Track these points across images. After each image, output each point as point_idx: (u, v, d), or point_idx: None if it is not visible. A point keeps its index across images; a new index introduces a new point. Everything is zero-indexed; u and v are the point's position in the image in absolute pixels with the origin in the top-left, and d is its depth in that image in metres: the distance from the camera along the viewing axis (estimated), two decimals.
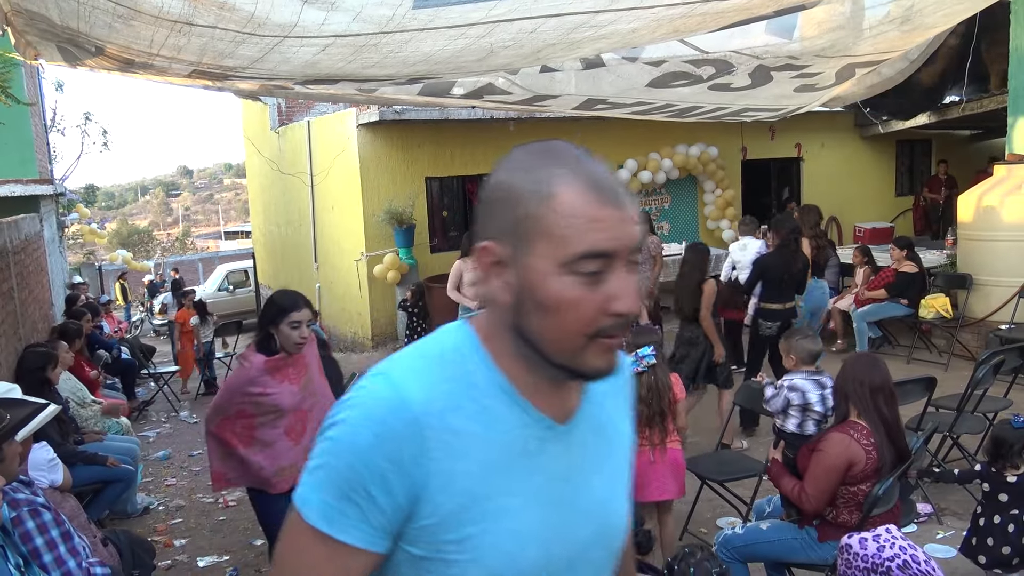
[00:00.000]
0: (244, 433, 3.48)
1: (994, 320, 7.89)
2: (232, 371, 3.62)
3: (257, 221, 17.63)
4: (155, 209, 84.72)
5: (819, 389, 3.90)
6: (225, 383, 3.67)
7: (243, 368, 3.48)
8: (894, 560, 1.84)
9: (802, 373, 3.97)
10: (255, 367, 3.43)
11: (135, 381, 9.23)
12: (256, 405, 3.43)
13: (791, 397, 3.96)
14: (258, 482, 3.53)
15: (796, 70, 5.05)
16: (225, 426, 3.49)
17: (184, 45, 3.21)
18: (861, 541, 1.92)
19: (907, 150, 15.26)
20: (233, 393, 3.49)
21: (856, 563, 1.88)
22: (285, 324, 3.39)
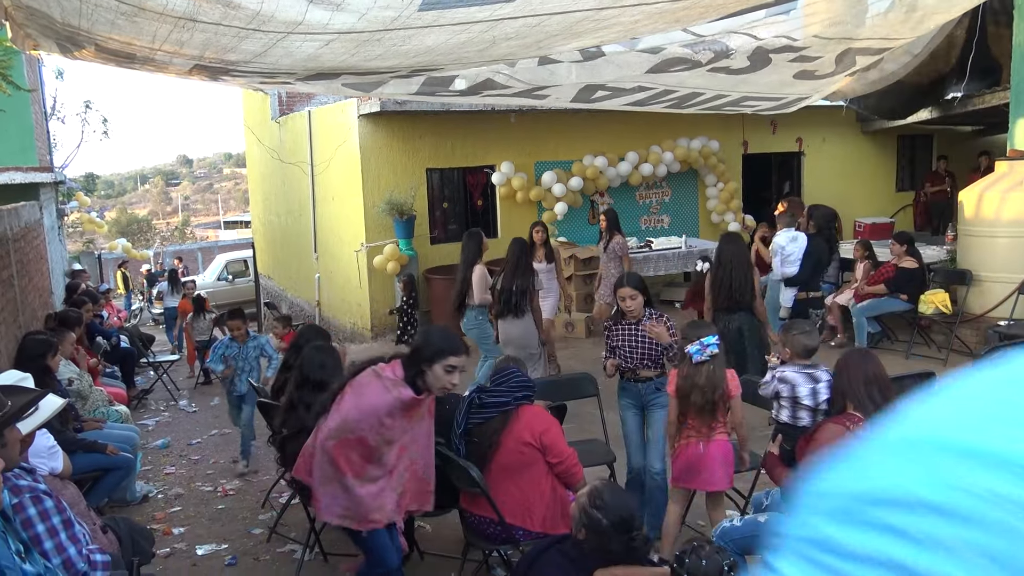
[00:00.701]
0: (359, 462, 3.24)
1: (993, 316, 7.90)
2: (367, 385, 3.26)
3: (257, 211, 17.62)
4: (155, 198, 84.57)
5: (810, 383, 3.90)
6: (362, 401, 3.23)
7: (387, 391, 3.21)
8: None
9: (795, 366, 3.98)
10: (402, 399, 3.20)
11: (134, 369, 9.24)
12: (380, 436, 3.22)
13: (780, 388, 3.97)
14: (353, 518, 3.31)
15: (795, 52, 5.03)
16: (342, 449, 3.23)
17: (187, 40, 3.21)
18: None
19: (908, 145, 15.24)
20: (367, 416, 3.21)
21: None
22: (440, 365, 3.20)
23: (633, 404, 4.59)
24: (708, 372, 3.93)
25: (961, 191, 8.61)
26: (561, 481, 3.64)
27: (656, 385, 4.52)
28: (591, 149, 11.86)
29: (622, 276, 4.68)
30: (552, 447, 3.61)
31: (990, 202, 7.96)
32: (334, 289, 12.55)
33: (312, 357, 4.23)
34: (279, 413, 4.36)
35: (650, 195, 12.80)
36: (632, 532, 2.71)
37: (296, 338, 5.18)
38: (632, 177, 12.09)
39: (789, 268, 7.31)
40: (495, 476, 3.60)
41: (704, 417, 3.96)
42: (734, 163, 13.29)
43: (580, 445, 4.48)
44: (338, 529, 4.97)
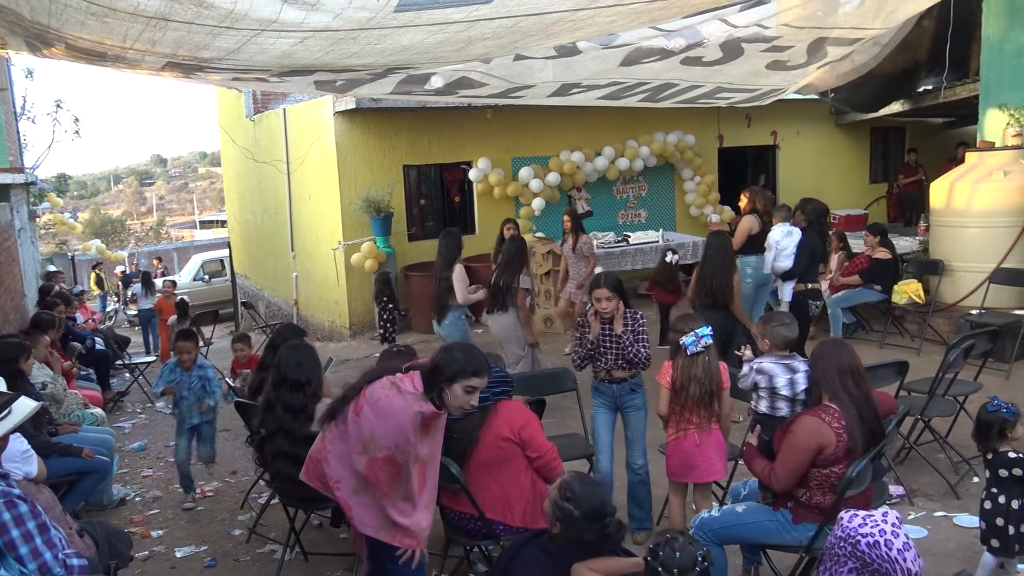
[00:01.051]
0: (387, 482, 3.14)
1: (965, 305, 8.02)
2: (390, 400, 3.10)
3: (233, 210, 17.48)
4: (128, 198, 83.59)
5: (788, 373, 3.94)
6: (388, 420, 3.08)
7: (409, 407, 3.07)
8: (866, 537, 1.89)
9: (772, 357, 4.01)
10: (425, 415, 3.08)
11: (110, 372, 9.15)
12: (405, 454, 3.09)
13: (758, 379, 4.00)
14: (388, 531, 3.19)
15: (767, 42, 5.06)
16: (371, 467, 3.12)
17: (160, 39, 3.18)
18: (851, 515, 2.01)
19: (881, 138, 15.41)
20: (394, 433, 3.07)
21: (836, 531, 1.97)
22: (461, 386, 3.07)
23: (606, 405, 4.53)
24: (704, 363, 3.96)
25: (932, 182, 8.72)
26: (541, 476, 3.65)
27: (631, 386, 4.47)
28: (568, 144, 11.88)
29: (599, 276, 4.49)
30: (531, 442, 3.62)
31: (961, 193, 8.06)
32: (312, 287, 12.49)
33: (289, 356, 4.21)
34: (257, 413, 4.33)
35: (627, 189, 12.85)
36: (605, 520, 2.73)
37: (273, 337, 5.14)
38: (609, 172, 12.13)
39: (784, 262, 7.38)
40: (475, 472, 3.61)
41: (703, 409, 3.98)
42: (710, 157, 13.37)
43: (559, 439, 4.51)
44: (319, 528, 4.99)
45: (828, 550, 1.99)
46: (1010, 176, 7.74)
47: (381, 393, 3.11)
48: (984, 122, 8.58)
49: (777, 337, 4.00)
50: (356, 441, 3.14)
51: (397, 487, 3.14)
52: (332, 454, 3.23)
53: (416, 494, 3.16)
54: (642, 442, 4.51)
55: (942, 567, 3.95)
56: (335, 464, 3.23)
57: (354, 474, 3.18)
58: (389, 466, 3.10)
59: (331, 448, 3.24)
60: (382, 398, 3.10)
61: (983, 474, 5.05)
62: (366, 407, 3.11)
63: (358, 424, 3.12)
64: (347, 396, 3.23)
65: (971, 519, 4.53)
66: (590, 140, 11.98)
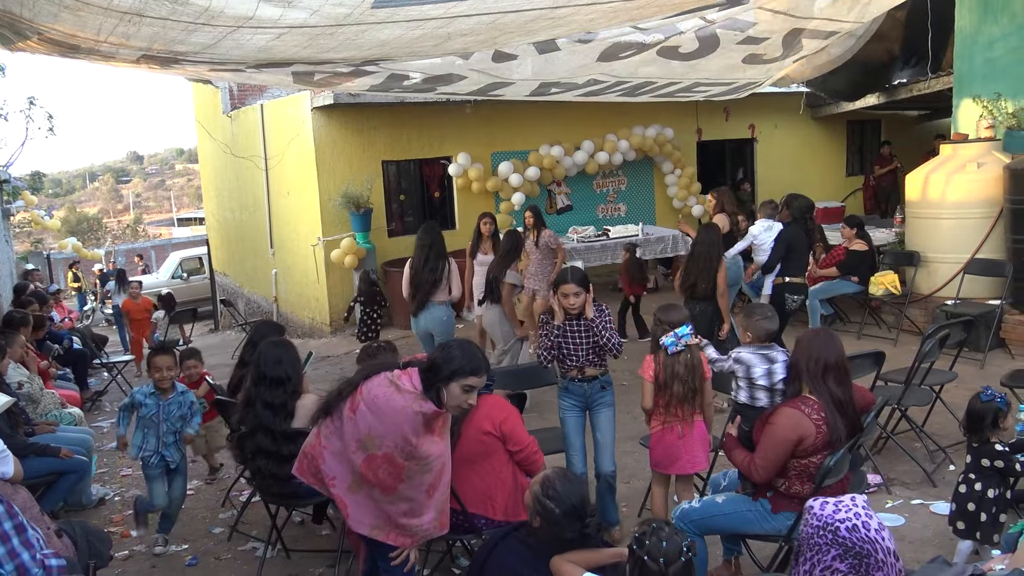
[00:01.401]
0: (387, 481, 3.09)
1: (940, 296, 8.11)
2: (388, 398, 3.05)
3: (211, 207, 17.35)
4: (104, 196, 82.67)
5: (766, 364, 3.97)
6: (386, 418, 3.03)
7: (407, 406, 3.02)
8: (844, 522, 1.93)
9: (751, 347, 4.04)
10: (426, 415, 3.03)
11: (87, 371, 9.06)
12: (405, 453, 3.04)
13: (736, 369, 4.03)
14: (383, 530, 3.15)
15: (743, 34, 5.08)
16: (369, 465, 3.08)
17: (134, 33, 3.15)
18: (822, 504, 2.04)
19: (857, 131, 15.54)
20: (392, 432, 3.02)
21: (812, 521, 1.98)
22: (459, 384, 3.04)
23: (576, 405, 4.39)
24: (686, 360, 3.99)
25: (908, 174, 8.82)
26: (522, 469, 3.66)
27: (601, 383, 4.37)
28: (547, 139, 11.88)
29: (565, 271, 4.35)
30: (512, 435, 3.63)
31: (935, 185, 8.15)
32: (291, 284, 12.43)
33: (269, 353, 4.19)
34: (236, 410, 4.32)
35: (607, 183, 12.88)
36: (585, 519, 2.75)
37: (251, 334, 5.11)
38: (588, 166, 12.15)
39: (760, 256, 7.44)
40: (456, 466, 3.60)
41: (686, 404, 4.01)
42: (689, 150, 13.43)
43: (540, 433, 4.51)
44: (301, 525, 4.98)
45: (806, 541, 2.01)
46: (983, 168, 7.83)
47: (380, 391, 3.06)
48: (958, 114, 8.68)
49: (760, 330, 4.04)
50: (352, 439, 3.09)
51: (401, 485, 3.08)
52: (328, 451, 3.18)
53: (424, 495, 3.12)
54: (612, 445, 4.42)
55: (919, 553, 4.00)
56: (331, 461, 3.18)
57: (351, 471, 3.14)
58: (389, 465, 3.06)
59: (327, 445, 3.19)
60: (380, 396, 3.06)
61: (960, 462, 5.13)
62: (363, 405, 3.07)
63: (355, 422, 3.08)
64: (343, 392, 3.16)
65: (947, 506, 4.58)
66: (569, 134, 11.99)
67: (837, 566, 1.92)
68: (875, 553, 1.90)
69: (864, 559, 1.90)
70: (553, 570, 2.71)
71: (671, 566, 2.26)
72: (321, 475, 3.22)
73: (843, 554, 1.91)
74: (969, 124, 8.45)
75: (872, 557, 1.89)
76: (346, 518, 3.21)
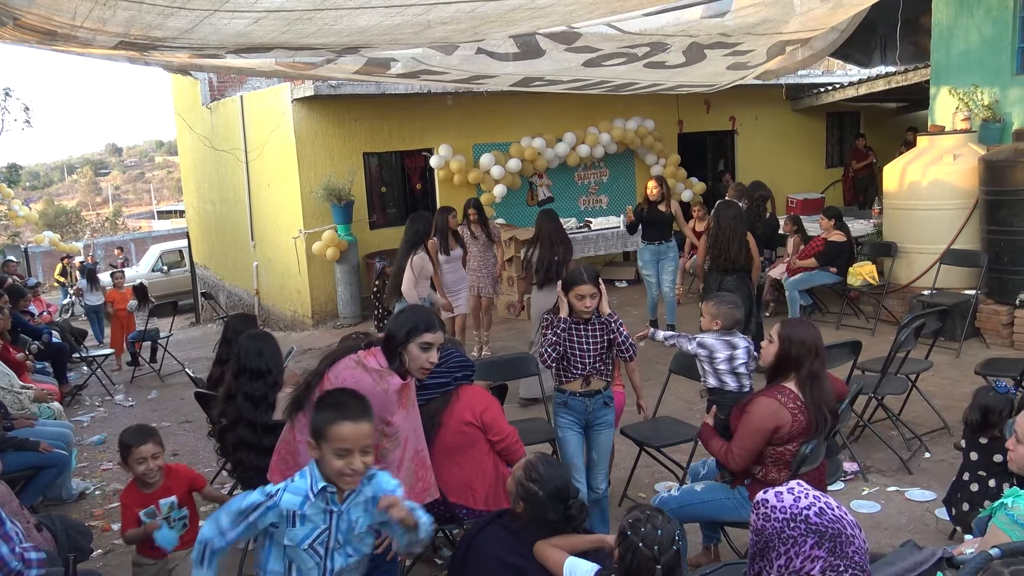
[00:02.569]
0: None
1: (917, 286, 8.21)
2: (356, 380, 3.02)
3: (191, 199, 17.23)
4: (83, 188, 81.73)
5: (728, 349, 4.00)
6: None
7: (375, 384, 3.02)
8: (811, 508, 1.95)
9: (715, 333, 4.07)
10: (392, 389, 3.05)
11: (67, 365, 8.99)
12: (380, 432, 3.00)
13: (699, 353, 4.06)
14: None
15: (728, 48, 5.14)
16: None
17: (110, 18, 3.13)
18: (777, 495, 2.02)
19: (836, 123, 15.66)
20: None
21: (775, 515, 1.97)
22: (416, 344, 3.05)
23: (576, 422, 4.09)
24: None
25: (885, 166, 8.90)
26: (503, 459, 3.69)
27: (604, 399, 4.10)
28: (529, 131, 11.89)
29: (578, 271, 4.06)
30: (493, 425, 3.65)
31: (912, 176, 8.24)
32: (273, 277, 12.38)
33: (248, 346, 4.17)
34: (217, 403, 4.30)
35: (588, 176, 12.91)
36: (568, 502, 2.78)
37: (224, 330, 5.09)
38: (570, 158, 12.17)
39: None
40: (437, 456, 3.63)
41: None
42: (670, 142, 13.48)
43: (521, 424, 4.54)
44: None
45: (775, 537, 1.98)
46: (959, 159, 7.92)
47: (347, 374, 3.09)
48: (935, 106, 8.77)
49: (729, 318, 4.08)
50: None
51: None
52: (303, 444, 3.16)
53: (395, 471, 3.11)
54: (606, 463, 4.28)
55: (894, 539, 4.07)
56: (305, 453, 3.19)
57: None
58: None
59: (301, 439, 3.17)
60: (348, 379, 3.08)
61: (936, 450, 5.21)
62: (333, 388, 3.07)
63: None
64: (310, 382, 3.17)
65: (923, 493, 4.67)
66: (551, 126, 12.01)
67: (817, 553, 1.92)
68: (845, 530, 1.94)
69: (837, 538, 1.93)
70: (537, 555, 2.73)
71: (664, 554, 2.28)
72: (299, 468, 3.21)
73: (820, 540, 1.92)
74: (946, 116, 8.55)
75: (843, 534, 1.93)
76: None
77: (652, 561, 2.28)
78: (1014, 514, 2.42)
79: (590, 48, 4.84)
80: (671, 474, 4.81)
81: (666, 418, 5.17)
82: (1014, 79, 8.07)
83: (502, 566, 2.80)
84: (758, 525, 2.02)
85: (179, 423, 7.44)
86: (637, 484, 4.96)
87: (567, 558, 2.64)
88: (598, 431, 4.13)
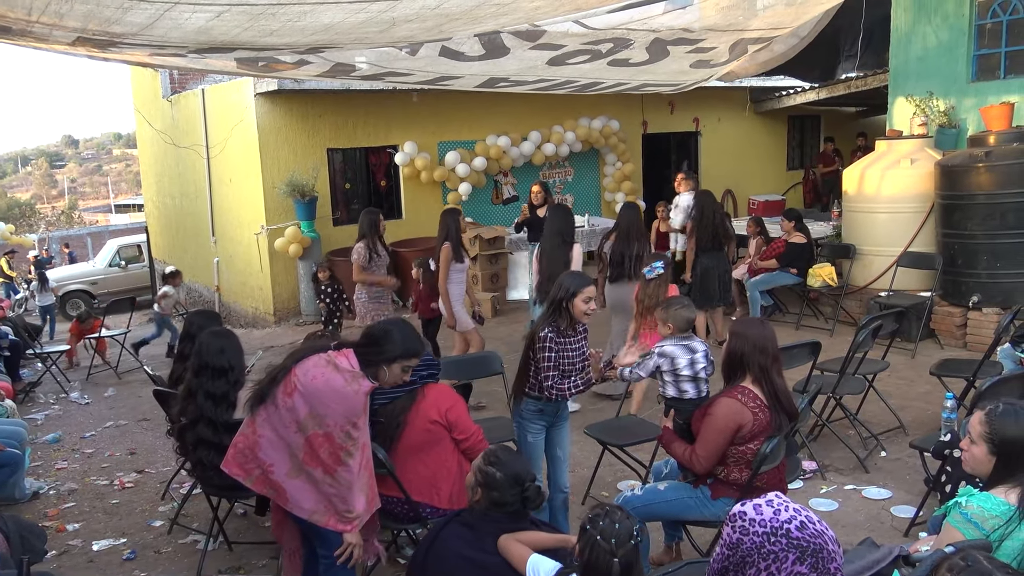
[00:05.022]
0: (328, 462, 3.09)
1: (875, 287, 8.36)
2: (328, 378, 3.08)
3: (150, 194, 16.93)
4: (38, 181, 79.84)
5: (688, 354, 4.05)
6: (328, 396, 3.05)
7: (347, 384, 3.05)
8: (791, 522, 1.88)
9: (673, 339, 4.12)
10: (363, 392, 3.09)
11: (19, 362, 8.79)
12: (345, 433, 3.07)
13: (660, 363, 4.09)
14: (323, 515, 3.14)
15: (691, 44, 5.19)
16: (309, 445, 3.08)
17: (67, 12, 3.06)
18: (756, 507, 1.94)
19: (797, 126, 15.90)
20: (335, 412, 3.04)
21: (754, 529, 1.90)
22: (400, 366, 3.15)
23: (545, 425, 4.11)
24: (656, 284, 5.67)
25: (844, 170, 9.05)
26: (467, 457, 3.68)
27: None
28: (494, 129, 11.88)
29: (579, 276, 4.02)
30: (458, 424, 3.65)
31: (871, 180, 8.39)
32: (234, 274, 12.22)
33: (210, 343, 4.12)
34: (177, 401, 4.24)
35: (553, 174, 12.94)
36: (524, 484, 2.83)
37: (187, 326, 5.01)
38: (535, 157, 12.20)
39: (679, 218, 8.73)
40: (401, 455, 3.61)
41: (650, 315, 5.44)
42: (634, 142, 13.57)
43: (486, 422, 4.54)
44: (243, 517, 4.92)
45: (754, 552, 1.91)
46: (916, 164, 8.08)
47: (317, 372, 3.09)
48: (893, 111, 8.94)
49: (680, 320, 4.13)
50: (292, 421, 3.10)
51: (340, 468, 3.10)
52: (264, 438, 3.17)
53: (354, 477, 3.14)
54: (568, 459, 4.30)
55: (851, 536, 4.14)
56: (267, 448, 3.17)
57: (290, 456, 3.14)
58: (329, 444, 3.07)
59: (262, 432, 3.17)
60: (319, 376, 3.08)
61: (892, 449, 5.31)
62: (300, 387, 3.08)
63: (291, 405, 3.09)
64: (276, 377, 3.16)
65: (879, 491, 4.77)
66: (516, 125, 12.01)
67: (799, 569, 1.85)
68: (826, 545, 1.88)
69: (819, 554, 1.86)
70: (500, 549, 2.74)
71: (621, 547, 2.31)
72: (258, 462, 3.19)
73: (802, 556, 1.86)
74: (903, 121, 8.71)
75: (825, 550, 1.86)
76: (284, 503, 3.18)
77: (609, 555, 2.30)
78: (967, 512, 2.47)
79: (554, 45, 4.85)
80: (634, 473, 4.84)
81: (629, 417, 5.20)
82: (969, 86, 8.25)
83: (462, 561, 2.80)
84: (733, 539, 1.94)
85: (137, 421, 7.32)
86: (600, 483, 4.99)
87: (531, 555, 2.65)
88: (560, 427, 4.17)
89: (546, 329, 3.93)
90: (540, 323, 4.02)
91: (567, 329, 3.95)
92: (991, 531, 2.41)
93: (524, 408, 4.08)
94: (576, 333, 4.03)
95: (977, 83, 8.23)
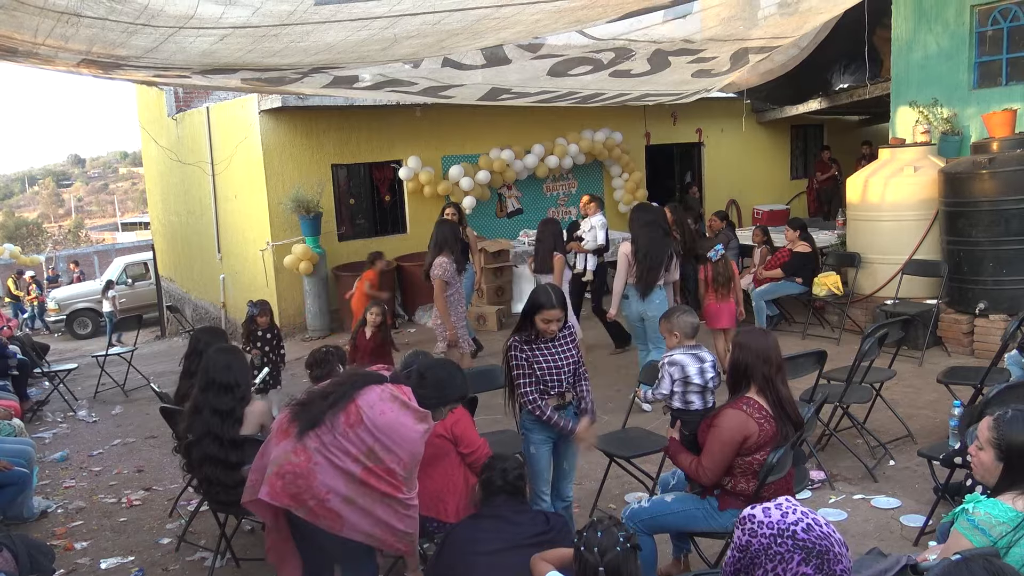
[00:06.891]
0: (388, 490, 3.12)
1: (880, 295, 8.34)
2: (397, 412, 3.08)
3: (156, 211, 17.01)
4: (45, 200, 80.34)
5: (698, 363, 4.05)
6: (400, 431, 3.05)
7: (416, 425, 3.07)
8: (798, 524, 1.91)
9: (681, 348, 4.12)
10: (428, 434, 3.16)
11: (27, 381, 8.81)
12: (409, 474, 3.14)
13: (671, 372, 4.09)
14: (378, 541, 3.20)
15: (692, 55, 5.21)
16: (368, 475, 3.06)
17: (72, 35, 3.09)
18: (764, 510, 1.98)
19: (800, 135, 15.91)
20: (406, 449, 3.06)
21: (762, 531, 1.93)
22: (449, 408, 3.31)
23: (551, 438, 4.05)
24: (722, 263, 6.81)
25: (848, 178, 9.04)
26: (473, 471, 3.68)
27: (574, 409, 4.08)
28: (497, 142, 11.92)
29: (545, 293, 3.91)
30: (463, 437, 3.65)
31: (875, 188, 8.38)
32: (240, 290, 12.25)
33: (217, 359, 4.14)
34: (183, 418, 4.25)
35: (557, 187, 12.97)
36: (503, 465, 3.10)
37: (193, 342, 5.02)
38: (539, 169, 12.23)
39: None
40: None
41: (722, 287, 6.81)
42: (637, 154, 13.59)
43: (491, 436, 4.54)
44: (251, 533, 4.92)
45: (762, 553, 1.94)
46: (920, 171, 8.08)
47: (386, 407, 3.03)
48: (895, 119, 8.94)
49: (685, 326, 4.13)
50: (352, 452, 3.02)
51: (400, 495, 3.10)
52: (319, 465, 3.03)
53: (413, 501, 3.16)
54: (574, 472, 4.29)
55: (860, 546, 4.11)
56: (323, 475, 3.03)
57: (346, 484, 3.04)
58: (390, 476, 3.04)
59: (317, 460, 3.03)
60: (388, 412, 3.03)
61: (901, 458, 5.29)
62: (367, 420, 3.00)
63: (356, 435, 3.01)
64: (336, 404, 3.06)
65: (888, 500, 4.74)
66: (520, 138, 12.05)
67: (804, 570, 1.88)
68: (832, 547, 1.91)
69: (825, 556, 1.89)
70: (531, 568, 2.77)
71: (606, 555, 2.32)
72: (312, 492, 3.04)
73: (807, 557, 1.89)
74: (906, 129, 8.71)
75: (831, 552, 1.89)
76: (338, 530, 3.07)
77: (594, 564, 2.32)
78: (975, 519, 2.46)
79: (556, 55, 4.88)
80: (641, 485, 4.83)
81: (636, 429, 5.19)
82: (971, 93, 8.26)
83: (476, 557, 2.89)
84: (743, 541, 1.99)
85: (144, 439, 7.33)
86: (607, 495, 4.97)
87: (550, 570, 2.65)
88: (569, 442, 4.09)
89: (512, 338, 3.97)
90: (511, 333, 4.05)
91: (537, 338, 3.92)
92: (998, 538, 2.40)
93: (524, 419, 4.06)
94: (553, 341, 3.95)
95: (979, 90, 8.23)
